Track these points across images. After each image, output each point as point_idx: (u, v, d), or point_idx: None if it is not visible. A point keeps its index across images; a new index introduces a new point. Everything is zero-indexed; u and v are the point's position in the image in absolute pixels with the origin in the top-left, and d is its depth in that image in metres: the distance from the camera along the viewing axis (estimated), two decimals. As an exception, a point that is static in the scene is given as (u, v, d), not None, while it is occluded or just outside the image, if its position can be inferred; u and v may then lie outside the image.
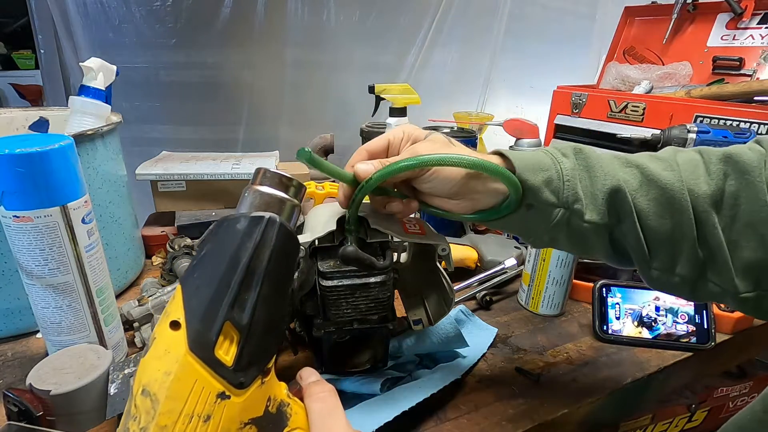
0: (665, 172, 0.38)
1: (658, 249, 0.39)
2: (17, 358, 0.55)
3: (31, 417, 0.38)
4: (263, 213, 0.28)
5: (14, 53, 2.18)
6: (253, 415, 0.26)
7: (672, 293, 0.42)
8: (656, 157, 0.40)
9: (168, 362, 0.23)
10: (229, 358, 0.25)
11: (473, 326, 0.61)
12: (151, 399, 0.22)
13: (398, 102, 0.84)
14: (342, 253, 0.43)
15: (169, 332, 0.24)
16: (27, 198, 0.43)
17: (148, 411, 0.22)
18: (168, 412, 0.22)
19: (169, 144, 1.12)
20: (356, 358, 0.50)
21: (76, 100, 0.68)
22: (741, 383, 0.96)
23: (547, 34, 1.69)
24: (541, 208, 0.39)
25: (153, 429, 0.22)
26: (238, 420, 0.25)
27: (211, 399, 0.24)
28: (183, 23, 1.30)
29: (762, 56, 1.04)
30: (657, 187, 0.38)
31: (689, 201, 0.37)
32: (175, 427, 0.22)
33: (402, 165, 0.38)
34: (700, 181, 0.38)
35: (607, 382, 0.54)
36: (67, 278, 0.46)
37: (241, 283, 0.26)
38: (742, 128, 0.83)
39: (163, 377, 0.23)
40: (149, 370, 0.23)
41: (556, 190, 0.38)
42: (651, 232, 0.38)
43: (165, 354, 0.24)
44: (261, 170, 0.31)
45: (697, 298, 0.41)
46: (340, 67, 1.49)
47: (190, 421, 0.23)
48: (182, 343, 0.24)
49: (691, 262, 0.38)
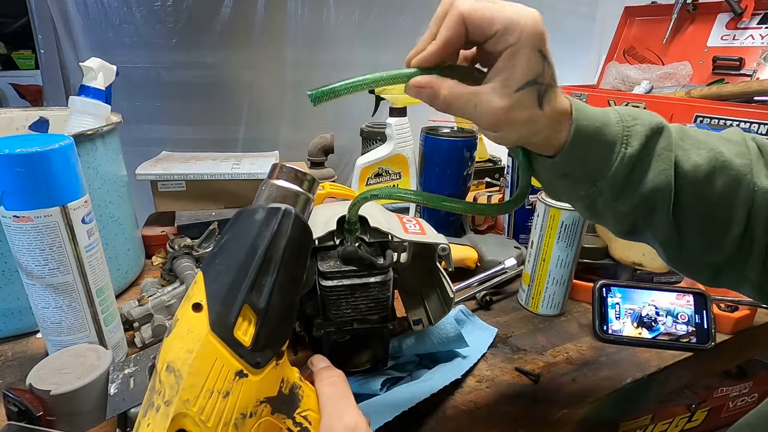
0: (737, 158, 0.36)
1: (700, 234, 0.37)
2: (17, 358, 0.55)
3: (31, 417, 0.38)
4: (279, 205, 0.30)
5: (14, 53, 2.17)
6: (268, 395, 0.27)
7: (692, 276, 0.41)
8: (726, 139, 0.38)
9: (191, 341, 0.25)
10: (247, 339, 0.26)
11: (473, 326, 0.61)
12: (175, 375, 0.24)
13: (398, 102, 0.84)
14: (342, 253, 0.43)
15: (192, 314, 0.26)
16: (27, 198, 0.43)
17: (172, 386, 0.24)
18: (191, 387, 0.24)
19: (169, 144, 1.11)
20: (356, 358, 0.50)
21: (76, 100, 0.68)
22: (741, 383, 0.96)
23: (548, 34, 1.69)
24: (576, 179, 0.37)
25: (177, 402, 0.23)
26: (255, 398, 0.26)
27: (230, 376, 0.25)
28: (183, 23, 1.30)
29: (762, 56, 1.04)
30: (727, 174, 0.35)
31: (753, 192, 0.35)
32: (197, 401, 0.24)
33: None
34: (761, 174, 0.35)
35: (607, 382, 0.54)
36: (67, 278, 0.46)
37: (259, 269, 0.27)
38: (742, 128, 0.83)
39: (186, 355, 0.24)
40: (173, 349, 0.25)
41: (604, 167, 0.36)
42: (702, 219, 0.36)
43: (188, 334, 0.25)
44: (278, 165, 0.32)
45: (715, 285, 0.40)
46: (340, 67, 1.48)
47: (210, 396, 0.24)
48: (204, 324, 0.25)
49: (728, 252, 0.37)
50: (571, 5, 1.68)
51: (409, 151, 0.88)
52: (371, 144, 0.96)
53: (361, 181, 0.88)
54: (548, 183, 0.40)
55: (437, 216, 0.84)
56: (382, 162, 0.87)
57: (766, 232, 0.35)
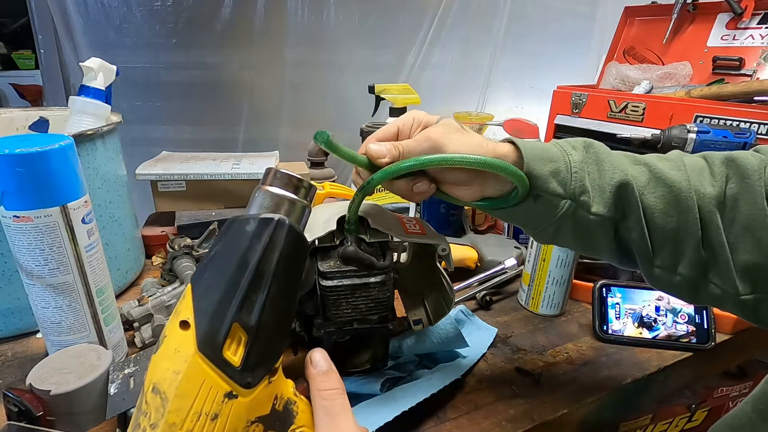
0: (673, 171, 0.39)
1: (662, 247, 0.39)
2: (17, 358, 0.55)
3: (31, 417, 0.38)
4: (272, 215, 0.28)
5: (14, 53, 2.17)
6: (260, 414, 0.26)
7: (673, 293, 0.42)
8: (664, 158, 0.41)
9: (177, 361, 0.24)
10: (237, 359, 0.25)
11: (473, 326, 0.61)
12: (161, 397, 0.23)
13: (398, 102, 0.85)
14: (342, 253, 0.43)
15: (179, 332, 0.24)
16: (27, 198, 0.43)
17: (157, 408, 0.23)
18: (177, 410, 0.23)
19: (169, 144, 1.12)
20: (356, 358, 0.50)
21: (76, 100, 0.68)
22: (741, 383, 0.96)
23: (547, 34, 1.69)
24: (547, 198, 0.39)
25: (162, 426, 0.22)
26: (245, 418, 0.25)
27: (219, 398, 0.24)
28: (183, 23, 1.30)
29: (762, 56, 1.04)
30: (664, 185, 0.38)
31: (695, 201, 0.38)
32: (183, 425, 0.23)
33: (405, 165, 0.38)
34: (705, 182, 0.38)
35: (607, 382, 0.54)
36: (67, 278, 0.46)
37: (250, 285, 0.26)
38: (742, 128, 0.83)
39: (173, 376, 0.23)
40: (159, 369, 0.24)
41: (564, 182, 0.38)
42: (656, 230, 0.38)
43: (175, 353, 0.24)
44: (271, 171, 0.30)
45: (698, 300, 0.41)
46: (340, 67, 1.49)
47: (198, 419, 0.23)
48: (191, 343, 0.24)
49: (693, 262, 0.39)
50: (571, 5, 1.68)
51: (409, 151, 0.88)
52: (371, 144, 0.96)
53: (361, 181, 0.88)
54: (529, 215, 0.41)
55: (437, 216, 0.84)
56: (382, 162, 0.87)
57: (724, 242, 0.37)
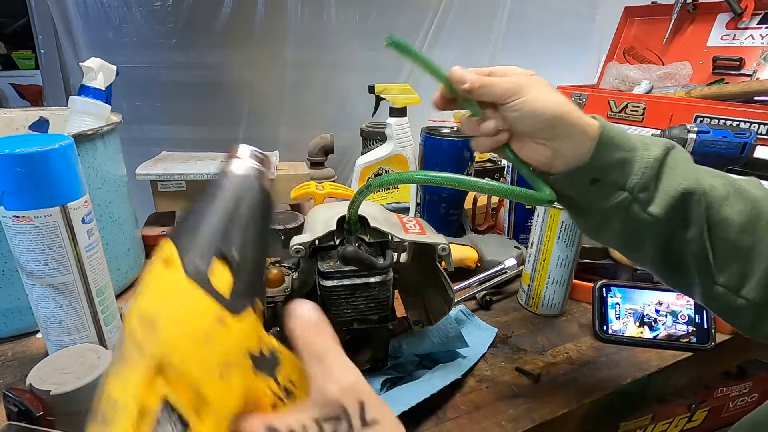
0: (753, 189, 0.37)
1: (730, 263, 0.37)
2: (17, 358, 0.55)
3: (31, 417, 0.38)
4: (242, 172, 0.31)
5: (14, 53, 2.17)
6: (250, 348, 0.27)
7: (728, 318, 0.40)
8: (741, 177, 0.40)
9: (165, 289, 0.24)
10: (223, 287, 0.26)
11: (473, 326, 0.61)
12: (151, 323, 0.23)
13: (398, 102, 0.84)
14: (342, 253, 0.43)
15: (163, 269, 0.25)
16: (27, 198, 0.43)
17: (146, 335, 0.23)
18: (169, 335, 0.23)
19: (169, 144, 1.11)
20: (356, 358, 0.50)
21: (76, 100, 0.68)
22: (741, 383, 0.96)
23: (547, 34, 1.69)
24: (605, 185, 0.38)
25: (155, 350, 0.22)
26: (237, 346, 0.26)
27: (212, 321, 0.24)
28: (183, 23, 1.30)
29: (762, 56, 1.04)
30: (746, 200, 0.37)
31: None
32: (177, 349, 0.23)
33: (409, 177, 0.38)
34: None
35: (607, 382, 0.54)
36: (67, 278, 0.46)
37: (227, 222, 0.28)
38: (742, 128, 0.83)
39: (161, 302, 0.24)
40: (145, 300, 0.24)
41: (628, 173, 0.38)
42: (729, 245, 0.36)
43: (162, 285, 0.25)
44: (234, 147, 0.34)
45: (757, 332, 0.39)
46: (340, 67, 1.48)
47: (192, 343, 0.23)
48: (179, 271, 0.25)
49: (762, 285, 0.36)
50: (571, 5, 1.68)
51: (409, 151, 0.88)
52: (371, 144, 0.96)
53: (361, 181, 0.88)
54: (581, 197, 0.40)
55: (437, 216, 0.84)
56: (382, 162, 0.87)
57: None
